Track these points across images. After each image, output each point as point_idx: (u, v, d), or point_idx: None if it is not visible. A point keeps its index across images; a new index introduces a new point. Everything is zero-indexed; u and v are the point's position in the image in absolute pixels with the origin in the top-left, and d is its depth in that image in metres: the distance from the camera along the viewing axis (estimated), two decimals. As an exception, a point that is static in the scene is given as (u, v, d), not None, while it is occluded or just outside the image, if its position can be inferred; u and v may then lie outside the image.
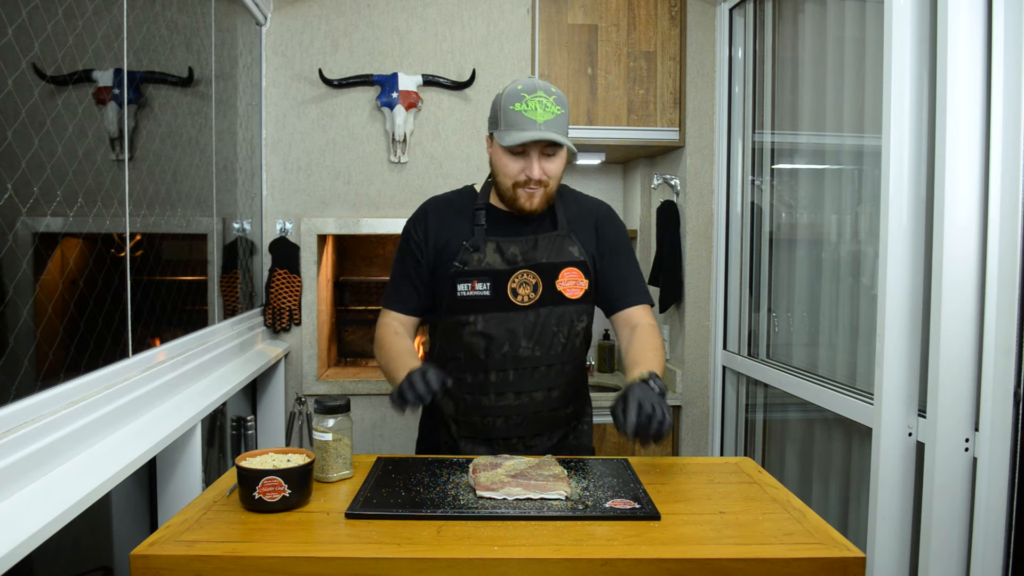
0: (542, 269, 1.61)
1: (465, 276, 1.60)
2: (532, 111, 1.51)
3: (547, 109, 1.52)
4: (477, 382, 1.62)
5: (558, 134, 1.52)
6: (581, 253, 1.65)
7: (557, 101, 1.53)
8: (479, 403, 1.62)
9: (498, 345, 1.59)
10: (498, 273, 1.60)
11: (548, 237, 1.63)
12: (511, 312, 1.59)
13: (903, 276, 1.70)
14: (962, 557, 1.61)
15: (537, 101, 1.52)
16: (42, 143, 1.23)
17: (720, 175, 2.79)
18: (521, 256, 1.61)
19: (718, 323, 2.82)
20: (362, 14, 2.75)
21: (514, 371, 1.60)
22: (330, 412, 1.34)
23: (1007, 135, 1.52)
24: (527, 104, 1.51)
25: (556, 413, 1.66)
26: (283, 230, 2.75)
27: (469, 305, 1.60)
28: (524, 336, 1.60)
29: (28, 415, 1.18)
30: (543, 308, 1.60)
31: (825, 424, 2.24)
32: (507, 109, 1.53)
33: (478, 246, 1.61)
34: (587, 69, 2.79)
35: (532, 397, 1.62)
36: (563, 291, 1.62)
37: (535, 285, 1.60)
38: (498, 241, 1.62)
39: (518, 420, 1.62)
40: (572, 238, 1.65)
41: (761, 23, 2.62)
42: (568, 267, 1.63)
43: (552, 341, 1.61)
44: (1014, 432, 1.54)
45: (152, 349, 1.69)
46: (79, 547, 1.57)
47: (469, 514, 1.17)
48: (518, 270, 1.60)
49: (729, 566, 1.05)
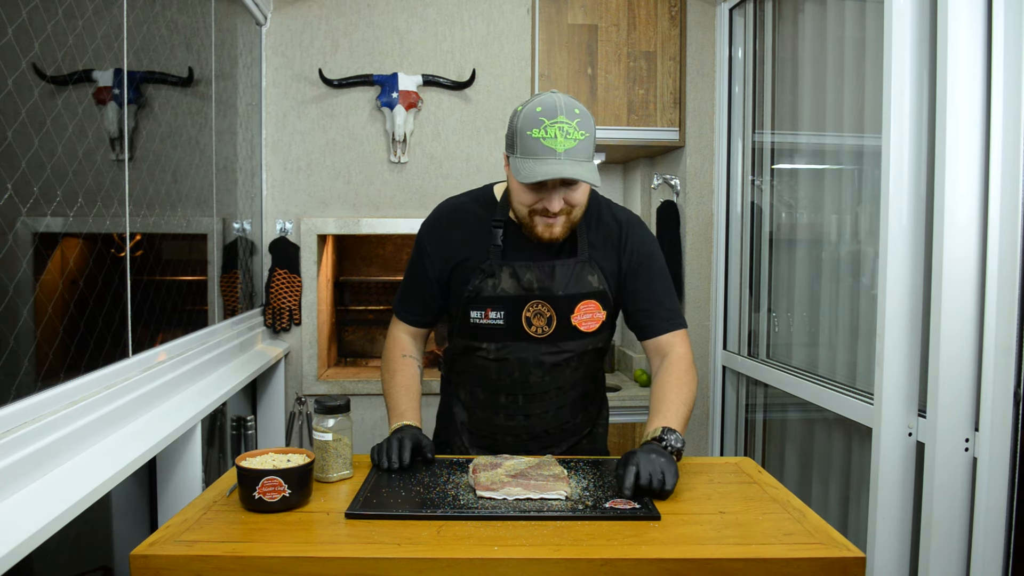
0: (557, 303, 1.52)
1: (478, 304, 1.53)
2: (551, 139, 1.35)
3: (568, 136, 1.35)
4: (488, 400, 1.60)
5: (580, 164, 1.36)
6: (600, 282, 1.55)
7: (581, 125, 1.37)
8: (490, 420, 1.61)
9: (509, 371, 1.55)
10: (512, 300, 1.52)
11: (566, 265, 1.53)
12: (524, 342, 1.53)
13: (903, 276, 1.70)
14: (962, 557, 1.61)
15: (557, 128, 1.35)
16: (42, 143, 1.23)
17: (720, 175, 2.79)
18: (537, 285, 1.52)
19: (718, 323, 2.82)
20: (362, 14, 2.75)
21: (523, 395, 1.57)
22: (330, 412, 1.34)
23: (1007, 135, 1.52)
24: (546, 132, 1.35)
25: (566, 426, 1.63)
26: (283, 230, 2.75)
27: (482, 333, 1.54)
28: (535, 366, 1.54)
29: (28, 415, 1.18)
30: (557, 343, 1.54)
31: (825, 424, 2.24)
32: (524, 134, 1.37)
33: (493, 272, 1.52)
34: (587, 69, 2.79)
35: (542, 418, 1.60)
36: (578, 325, 1.53)
37: (549, 318, 1.52)
38: (514, 266, 1.52)
39: (527, 438, 1.61)
40: (592, 265, 1.54)
41: (761, 23, 2.62)
42: (585, 300, 1.53)
43: (564, 371, 1.57)
44: (1014, 432, 1.54)
45: (152, 349, 1.69)
46: (79, 547, 1.57)
47: (469, 514, 1.17)
48: (532, 299, 1.52)
49: (729, 566, 1.05)
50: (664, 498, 1.26)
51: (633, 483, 1.24)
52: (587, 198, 1.48)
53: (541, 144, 1.36)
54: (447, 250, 1.58)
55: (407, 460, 1.40)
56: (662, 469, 1.26)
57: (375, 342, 3.27)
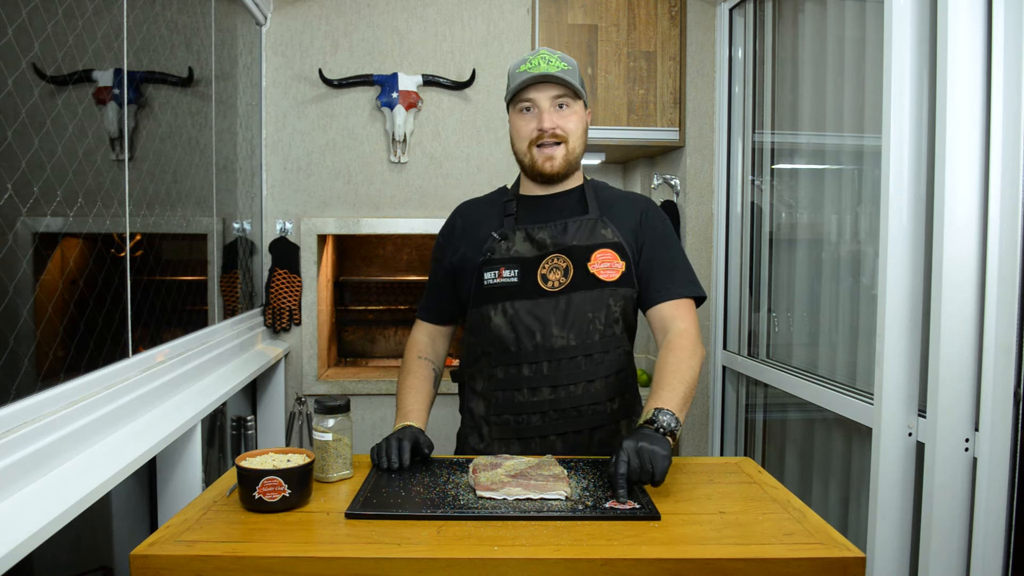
0: (573, 252, 1.52)
1: (492, 264, 1.54)
2: (536, 66, 1.51)
3: (551, 63, 1.50)
4: (509, 377, 1.52)
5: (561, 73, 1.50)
6: (615, 235, 1.55)
7: (563, 59, 1.52)
8: (512, 400, 1.52)
9: (528, 335, 1.50)
10: (527, 260, 1.53)
11: (578, 221, 1.56)
12: (540, 299, 1.51)
13: (903, 276, 1.70)
14: (962, 557, 1.61)
15: (540, 57, 1.52)
16: (42, 143, 1.23)
17: (720, 175, 2.79)
18: (551, 241, 1.54)
19: (718, 323, 2.82)
20: (362, 14, 2.75)
21: (548, 363, 1.50)
22: (330, 412, 1.34)
23: (1007, 135, 1.52)
24: (531, 62, 1.51)
25: (598, 408, 1.52)
26: (283, 230, 2.75)
27: (495, 293, 1.53)
28: (556, 324, 1.49)
29: (28, 415, 1.18)
30: (575, 293, 1.50)
31: (825, 424, 2.24)
32: (513, 74, 1.54)
33: (507, 235, 1.56)
34: (587, 69, 2.79)
35: (569, 391, 1.50)
36: (596, 273, 1.51)
37: (565, 269, 1.51)
38: (527, 228, 1.56)
39: (555, 416, 1.51)
40: (604, 221, 1.57)
41: (761, 23, 2.62)
42: (601, 248, 1.53)
43: (588, 328, 1.50)
44: (1014, 432, 1.54)
45: (152, 349, 1.69)
46: (79, 547, 1.57)
47: (469, 514, 1.17)
48: (548, 255, 1.53)
49: (729, 566, 1.05)
50: (657, 485, 1.22)
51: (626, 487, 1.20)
52: (581, 132, 1.57)
53: (528, 72, 1.51)
54: (460, 234, 1.64)
55: (407, 461, 1.39)
56: (651, 459, 1.21)
57: (375, 342, 3.27)
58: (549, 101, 1.52)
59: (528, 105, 1.53)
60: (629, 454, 1.22)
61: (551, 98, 1.52)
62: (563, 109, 1.53)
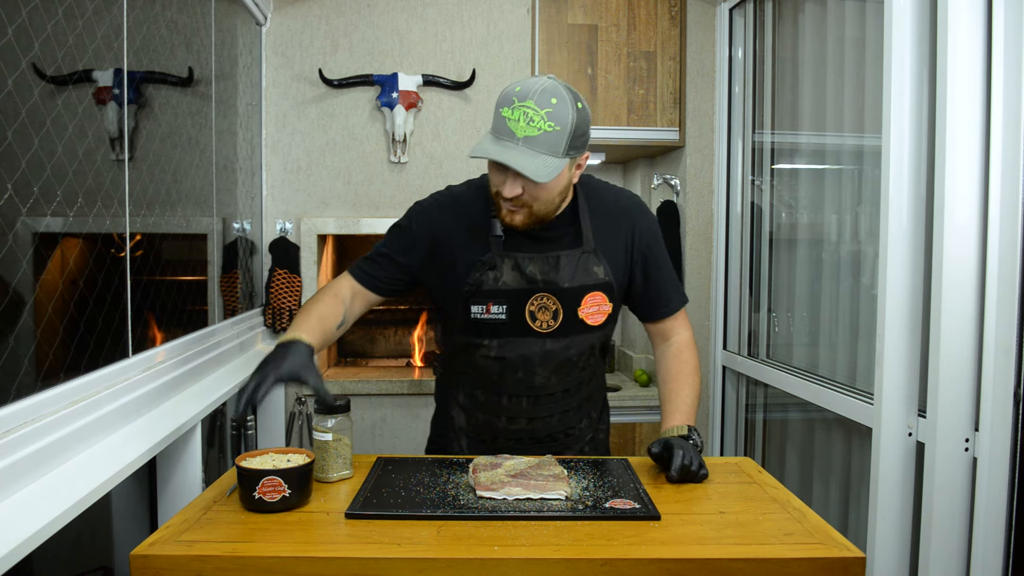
0: (564, 295, 1.47)
1: (479, 298, 1.46)
2: (515, 121, 1.31)
3: (531, 123, 1.30)
4: (489, 402, 1.54)
5: (533, 154, 1.30)
6: (607, 273, 1.50)
7: (552, 116, 1.30)
8: (491, 424, 1.56)
9: (512, 370, 1.49)
10: (515, 294, 1.46)
11: (571, 256, 1.47)
12: (528, 338, 1.47)
13: (903, 276, 1.70)
14: (962, 557, 1.61)
15: (522, 112, 1.30)
16: (42, 143, 1.23)
17: (720, 175, 2.79)
18: (541, 276, 1.46)
19: (718, 323, 2.82)
20: (362, 14, 2.75)
21: (528, 398, 1.52)
22: (330, 412, 1.34)
23: (1007, 135, 1.52)
24: (512, 113, 1.31)
25: (571, 431, 1.60)
26: (283, 230, 2.75)
27: (483, 328, 1.48)
28: (540, 364, 1.49)
29: (28, 415, 1.18)
30: (563, 338, 1.48)
31: (825, 424, 2.24)
32: (497, 111, 1.35)
33: (495, 264, 1.46)
34: (587, 69, 2.79)
35: (546, 422, 1.55)
36: (585, 319, 1.48)
37: (555, 312, 1.47)
38: (516, 258, 1.46)
39: (530, 443, 1.56)
40: (598, 256, 1.50)
41: (761, 23, 2.62)
42: (592, 291, 1.48)
43: (571, 369, 1.52)
44: (1014, 432, 1.54)
45: (152, 349, 1.69)
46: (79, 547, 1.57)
47: (469, 514, 1.17)
48: (537, 292, 1.46)
49: (729, 566, 1.05)
50: (700, 481, 1.36)
51: (680, 464, 1.33)
52: (553, 195, 1.40)
53: (505, 124, 1.32)
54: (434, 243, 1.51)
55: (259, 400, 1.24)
56: (700, 459, 1.37)
57: (375, 342, 3.27)
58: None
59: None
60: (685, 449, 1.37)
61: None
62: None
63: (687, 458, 1.35)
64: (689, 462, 1.34)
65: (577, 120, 1.34)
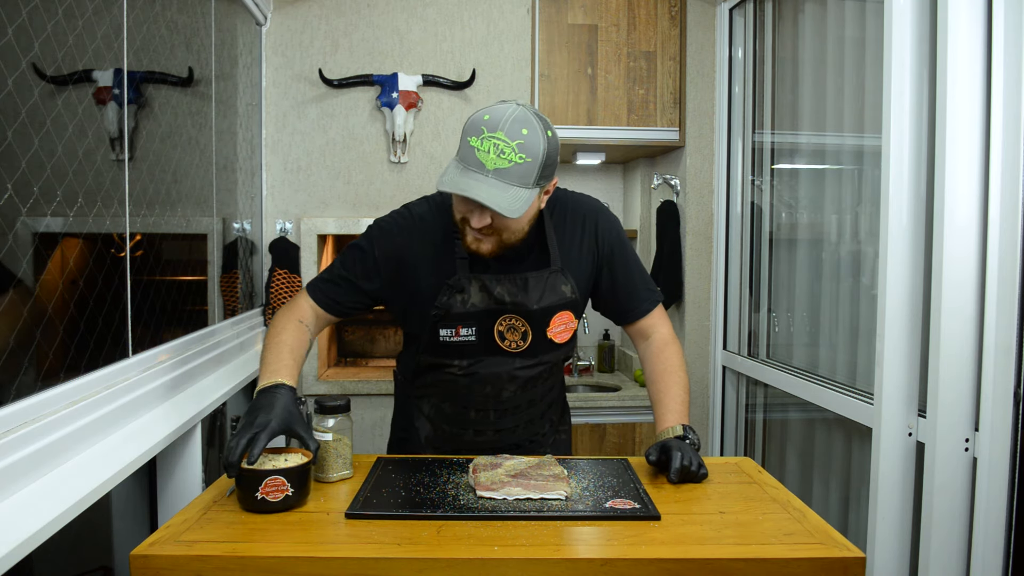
0: (532, 317, 1.47)
1: (449, 321, 1.45)
2: (484, 152, 1.27)
3: (502, 156, 1.27)
4: (456, 414, 1.56)
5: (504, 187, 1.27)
6: (573, 291, 1.50)
7: (523, 148, 1.27)
8: (458, 436, 1.57)
9: (480, 386, 1.51)
10: (484, 315, 1.46)
11: (539, 277, 1.47)
12: (497, 356, 1.49)
13: (903, 276, 1.70)
14: (962, 557, 1.61)
15: (492, 143, 1.27)
16: (42, 143, 1.23)
17: (720, 175, 2.79)
18: (509, 299, 1.45)
19: (718, 323, 2.83)
20: (362, 14, 2.75)
21: (495, 411, 1.55)
22: (330, 412, 1.34)
23: (1007, 135, 1.52)
24: (481, 143, 1.28)
25: (535, 437, 1.63)
26: (283, 230, 2.75)
27: (452, 350, 1.48)
28: (508, 380, 1.51)
29: (28, 415, 1.18)
30: (532, 357, 1.51)
31: (825, 424, 2.24)
32: (464, 139, 1.31)
33: (462, 287, 1.44)
34: (587, 69, 2.79)
35: (513, 432, 1.58)
36: (552, 338, 1.51)
37: (524, 333, 1.48)
38: (484, 279, 1.44)
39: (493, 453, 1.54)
40: (565, 275, 1.49)
41: (761, 23, 2.62)
42: (560, 311, 1.49)
43: (536, 381, 1.55)
44: (1014, 432, 1.54)
45: (152, 349, 1.69)
46: (79, 547, 1.57)
47: (469, 514, 1.17)
48: (505, 313, 1.46)
49: (729, 566, 1.05)
50: (699, 480, 1.36)
51: (680, 466, 1.33)
52: (523, 223, 1.38)
53: (474, 155, 1.28)
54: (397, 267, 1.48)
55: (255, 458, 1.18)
56: (698, 459, 1.37)
57: (375, 342, 3.27)
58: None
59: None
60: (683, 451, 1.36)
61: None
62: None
63: (686, 458, 1.34)
64: (688, 463, 1.34)
65: (548, 150, 1.31)
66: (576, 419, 2.80)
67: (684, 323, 2.86)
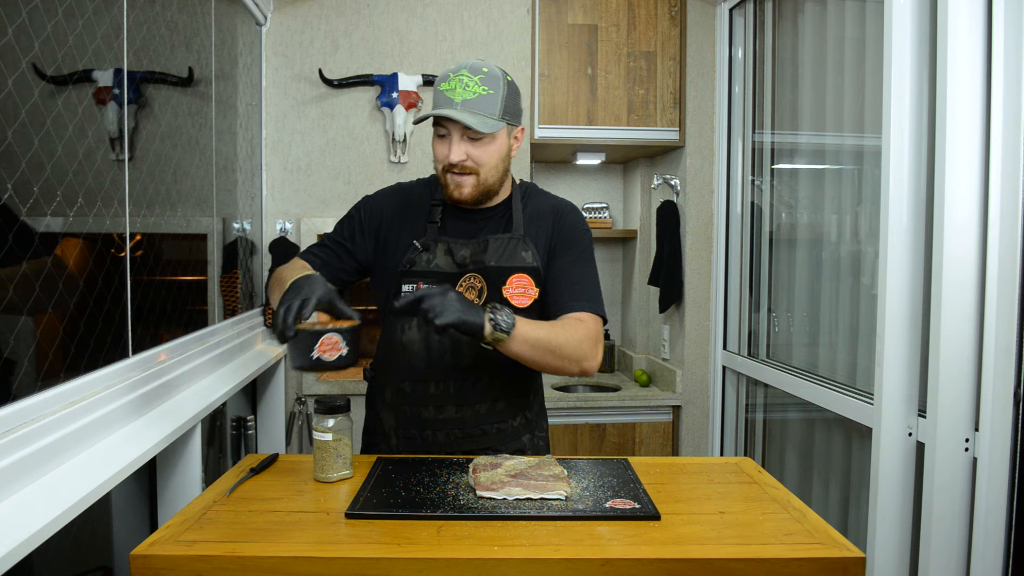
0: (488, 274, 1.51)
1: (411, 276, 1.52)
2: (451, 90, 1.42)
3: (467, 88, 1.42)
4: (416, 393, 1.54)
5: (474, 114, 1.41)
6: (535, 259, 1.53)
7: (484, 81, 1.43)
8: (418, 415, 1.54)
9: (439, 353, 1.51)
10: (445, 276, 1.51)
11: (500, 240, 1.53)
12: None
13: (903, 276, 1.70)
14: (962, 557, 1.61)
15: (458, 80, 1.42)
16: (42, 143, 1.23)
17: (720, 175, 2.79)
18: (471, 259, 1.52)
19: (718, 323, 2.82)
20: (362, 14, 2.75)
21: (455, 382, 1.52)
22: (330, 412, 1.34)
23: (1007, 135, 1.52)
24: (449, 82, 1.43)
25: (502, 426, 1.57)
26: (283, 230, 2.75)
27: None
28: (467, 344, 1.50)
29: (28, 415, 1.18)
30: None
31: (825, 424, 2.24)
32: (435, 89, 1.46)
33: (428, 246, 1.53)
34: (587, 69, 2.79)
35: (475, 410, 1.54)
36: (509, 299, 1.51)
37: (480, 290, 1.50)
38: (449, 243, 1.53)
39: (460, 435, 1.54)
40: (527, 242, 1.54)
41: (761, 23, 2.62)
42: (518, 273, 1.52)
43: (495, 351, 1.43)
44: (1014, 432, 1.54)
45: (152, 349, 1.69)
46: (79, 547, 1.57)
47: (469, 514, 1.17)
48: (466, 274, 1.51)
49: (729, 566, 1.05)
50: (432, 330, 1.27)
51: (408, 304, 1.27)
52: (496, 160, 1.49)
53: (443, 96, 1.43)
54: (379, 226, 1.58)
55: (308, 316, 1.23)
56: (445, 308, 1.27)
57: (375, 342, 3.27)
58: (460, 132, 1.44)
59: (443, 132, 1.47)
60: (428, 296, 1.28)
61: (462, 128, 1.44)
62: (477, 140, 1.45)
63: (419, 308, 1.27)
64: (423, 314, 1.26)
65: (509, 87, 1.47)
66: (576, 419, 2.80)
67: (684, 323, 2.86)
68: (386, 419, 1.60)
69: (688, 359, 2.85)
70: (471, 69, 1.44)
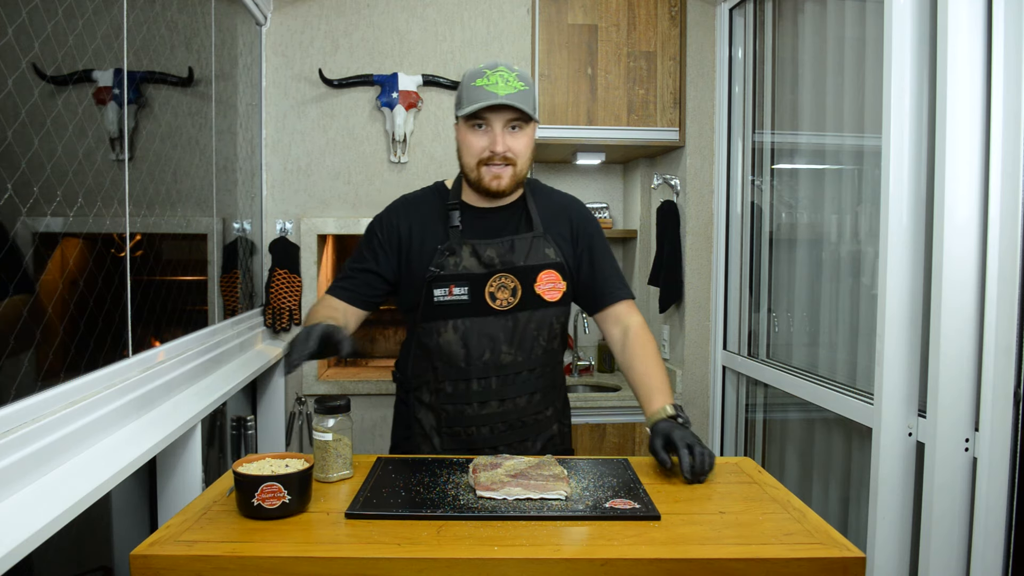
0: (520, 272, 1.58)
1: (442, 281, 1.56)
2: (493, 85, 1.49)
3: (509, 83, 1.49)
4: (459, 392, 1.59)
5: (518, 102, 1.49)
6: (557, 254, 1.62)
7: (520, 77, 1.51)
8: (462, 413, 1.59)
9: (478, 351, 1.56)
10: (475, 277, 1.56)
11: (524, 239, 1.60)
12: (490, 317, 1.56)
13: (903, 276, 1.70)
14: (962, 557, 1.61)
15: (499, 75, 1.50)
16: (42, 143, 1.23)
17: (720, 175, 2.79)
18: (498, 259, 1.58)
19: (718, 323, 2.82)
20: (362, 14, 2.75)
21: (496, 378, 1.58)
22: (330, 412, 1.34)
23: (1007, 135, 1.52)
24: (488, 79, 1.50)
25: (539, 417, 1.64)
26: (283, 230, 2.75)
27: (447, 310, 1.56)
28: (505, 341, 1.57)
29: (28, 415, 1.18)
30: (522, 312, 1.58)
31: (825, 424, 2.24)
32: (469, 86, 1.51)
33: (454, 249, 1.57)
34: (587, 69, 2.79)
35: (516, 403, 1.60)
36: (542, 294, 1.59)
37: (514, 289, 1.57)
38: (474, 244, 1.58)
39: (503, 428, 1.60)
40: (548, 239, 1.62)
41: (761, 23, 2.62)
42: (546, 269, 1.60)
43: (533, 345, 1.59)
44: (1014, 432, 1.54)
45: (152, 349, 1.69)
46: (79, 547, 1.57)
47: (469, 514, 1.17)
48: (495, 273, 1.57)
49: (729, 566, 1.05)
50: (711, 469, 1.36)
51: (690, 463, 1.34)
52: (529, 153, 1.57)
53: (484, 90, 1.49)
54: (399, 237, 1.62)
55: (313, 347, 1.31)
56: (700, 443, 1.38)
57: (375, 342, 3.27)
58: (503, 123, 1.51)
59: (481, 124, 1.53)
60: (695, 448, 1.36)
61: (505, 120, 1.51)
62: (515, 131, 1.53)
63: (696, 455, 1.35)
64: (700, 461, 1.34)
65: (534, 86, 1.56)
66: (576, 419, 2.80)
67: (684, 323, 2.86)
68: (425, 420, 1.64)
69: (688, 359, 2.85)
70: (507, 67, 1.52)
